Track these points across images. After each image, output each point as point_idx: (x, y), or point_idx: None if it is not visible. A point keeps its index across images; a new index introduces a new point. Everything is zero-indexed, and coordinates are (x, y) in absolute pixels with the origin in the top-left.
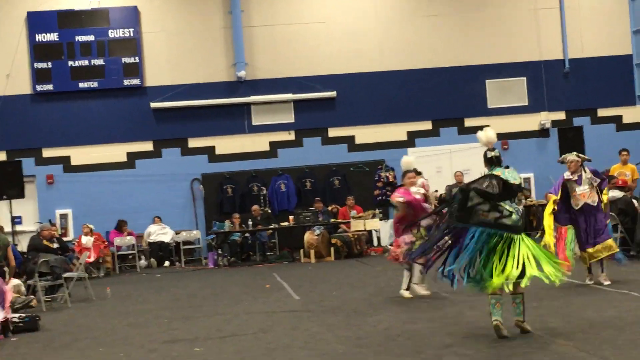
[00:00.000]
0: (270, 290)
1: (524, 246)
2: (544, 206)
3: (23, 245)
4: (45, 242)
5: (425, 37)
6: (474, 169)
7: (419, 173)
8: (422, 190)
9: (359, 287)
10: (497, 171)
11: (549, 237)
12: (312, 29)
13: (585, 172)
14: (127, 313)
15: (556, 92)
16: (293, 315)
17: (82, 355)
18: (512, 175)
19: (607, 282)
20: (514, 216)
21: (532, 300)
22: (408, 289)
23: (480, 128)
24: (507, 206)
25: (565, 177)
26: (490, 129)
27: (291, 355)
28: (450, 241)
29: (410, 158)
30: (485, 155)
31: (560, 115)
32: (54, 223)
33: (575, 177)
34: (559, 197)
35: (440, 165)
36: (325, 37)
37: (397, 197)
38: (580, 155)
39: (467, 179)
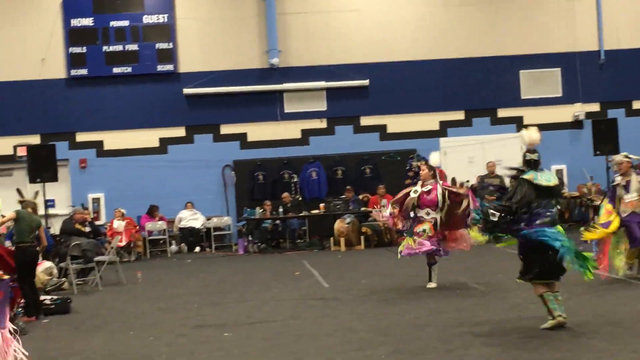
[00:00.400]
0: (299, 278)
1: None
2: (575, 198)
3: (56, 229)
4: (77, 226)
5: (458, 27)
6: (506, 159)
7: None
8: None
9: (388, 276)
10: (529, 175)
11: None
12: (345, 17)
13: (635, 174)
14: (157, 298)
15: (591, 84)
16: (322, 303)
17: (112, 339)
18: (545, 178)
19: None
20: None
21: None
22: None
23: (514, 119)
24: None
25: (615, 182)
26: (536, 130)
27: (319, 343)
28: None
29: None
30: (524, 156)
31: (595, 107)
32: (87, 207)
33: (624, 182)
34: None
35: (472, 155)
36: (358, 25)
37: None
38: (631, 155)
39: (499, 170)
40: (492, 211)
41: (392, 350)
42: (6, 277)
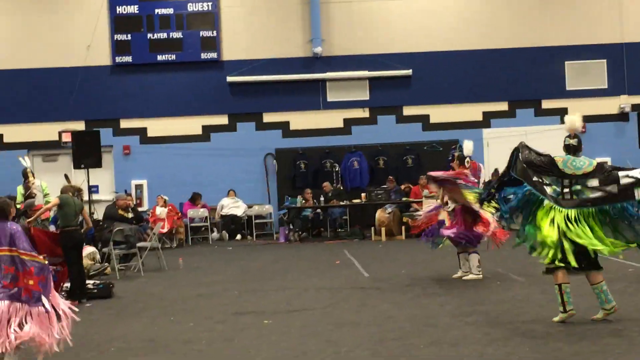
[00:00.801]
0: (339, 267)
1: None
2: None
3: (99, 214)
4: (120, 212)
5: (503, 17)
6: (550, 151)
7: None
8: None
9: (429, 267)
10: (559, 158)
11: None
12: (389, 5)
13: None
14: (198, 284)
15: (637, 75)
16: (362, 292)
17: (153, 324)
18: (575, 164)
19: None
20: (549, 189)
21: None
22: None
23: (558, 110)
24: (546, 180)
25: None
26: (579, 117)
27: (358, 332)
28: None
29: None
30: (563, 142)
31: None
32: (130, 193)
33: None
34: None
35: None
36: (401, 14)
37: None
38: None
39: None
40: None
41: (432, 340)
42: (46, 262)
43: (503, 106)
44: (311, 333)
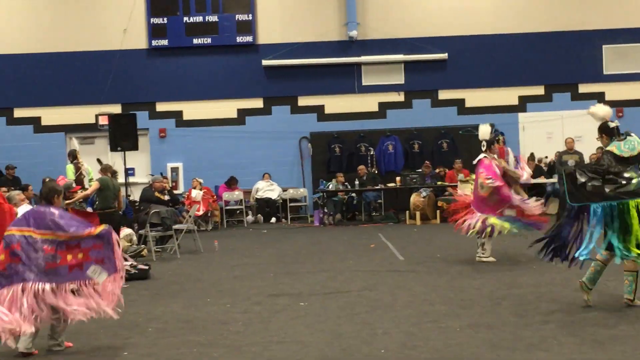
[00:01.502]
0: (375, 250)
1: None
2: None
3: (135, 196)
4: (156, 194)
5: (539, 0)
6: (586, 135)
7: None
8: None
9: (464, 250)
10: (612, 146)
11: None
12: None
13: None
14: (234, 266)
15: None
16: (397, 275)
17: (190, 304)
18: (629, 146)
19: None
20: (634, 181)
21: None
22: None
23: (595, 95)
24: (625, 174)
25: None
26: (604, 106)
27: (394, 314)
28: (579, 226)
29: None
30: (607, 127)
31: None
32: (165, 176)
33: None
34: None
35: (552, 131)
36: None
37: (488, 180)
38: None
39: (578, 146)
40: (579, 172)
41: (468, 323)
42: (98, 230)
43: (539, 90)
44: (347, 315)
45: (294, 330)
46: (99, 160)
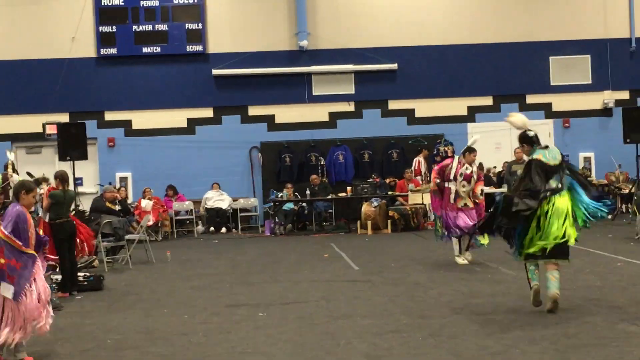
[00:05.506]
0: (328, 260)
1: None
2: (604, 186)
3: (84, 206)
4: (107, 204)
5: (488, 12)
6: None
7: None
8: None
9: (418, 260)
10: (538, 154)
11: None
12: (375, 0)
13: None
14: (188, 276)
15: (621, 71)
16: (354, 285)
17: (147, 315)
18: (552, 156)
19: None
20: (552, 184)
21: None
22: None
23: (543, 105)
24: (552, 184)
25: None
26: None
27: (355, 324)
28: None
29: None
30: (527, 136)
31: (624, 95)
32: (114, 185)
33: None
34: None
35: (500, 141)
36: (388, 8)
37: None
38: None
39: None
40: (517, 200)
41: (430, 333)
42: (30, 251)
43: (488, 101)
44: (307, 325)
45: (256, 341)
46: (28, 174)
